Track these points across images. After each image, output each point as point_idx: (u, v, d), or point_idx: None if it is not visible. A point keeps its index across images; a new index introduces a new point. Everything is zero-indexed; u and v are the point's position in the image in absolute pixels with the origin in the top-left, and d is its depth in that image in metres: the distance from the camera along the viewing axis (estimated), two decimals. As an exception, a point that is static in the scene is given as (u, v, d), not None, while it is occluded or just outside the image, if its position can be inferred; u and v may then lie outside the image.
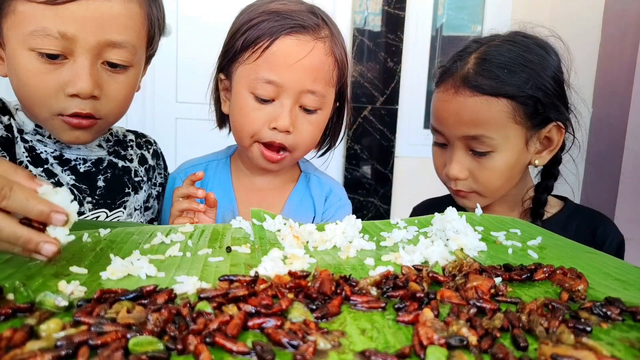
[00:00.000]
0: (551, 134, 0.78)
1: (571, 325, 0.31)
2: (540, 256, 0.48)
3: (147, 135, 0.87)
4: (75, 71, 0.61)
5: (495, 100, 0.74)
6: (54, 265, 0.40)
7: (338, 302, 0.34)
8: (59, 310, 0.32)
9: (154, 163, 0.84)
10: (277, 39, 0.72)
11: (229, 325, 0.29)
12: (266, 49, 0.72)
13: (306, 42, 0.72)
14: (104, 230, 0.51)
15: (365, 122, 1.95)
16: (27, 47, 0.59)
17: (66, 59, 0.61)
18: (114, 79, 0.65)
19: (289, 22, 0.72)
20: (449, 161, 0.79)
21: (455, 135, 0.77)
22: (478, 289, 0.37)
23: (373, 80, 1.93)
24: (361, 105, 1.94)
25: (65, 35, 0.59)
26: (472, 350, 0.28)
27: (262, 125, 0.74)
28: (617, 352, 0.28)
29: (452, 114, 0.76)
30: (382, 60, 1.92)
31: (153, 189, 0.83)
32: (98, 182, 0.73)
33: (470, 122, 0.75)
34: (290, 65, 0.71)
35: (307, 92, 0.74)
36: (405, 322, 0.32)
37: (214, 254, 0.46)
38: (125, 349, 0.26)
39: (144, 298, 0.33)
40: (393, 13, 1.91)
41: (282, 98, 0.73)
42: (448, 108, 0.77)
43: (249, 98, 0.74)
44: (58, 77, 0.61)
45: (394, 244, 0.52)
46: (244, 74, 0.75)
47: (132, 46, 0.64)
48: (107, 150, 0.77)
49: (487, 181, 0.78)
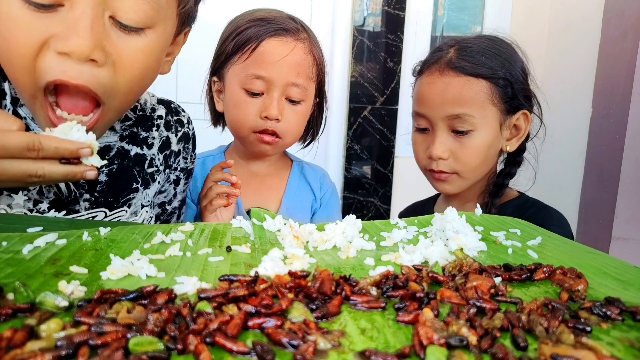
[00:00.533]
0: (519, 122, 0.88)
1: (571, 325, 0.31)
2: (540, 256, 0.48)
3: (181, 110, 0.74)
4: (70, 20, 0.44)
5: (475, 80, 0.83)
6: (53, 264, 0.40)
7: (338, 302, 0.34)
8: (59, 311, 0.32)
9: (180, 147, 0.72)
10: (263, 41, 0.84)
11: (229, 325, 0.29)
12: (254, 50, 0.84)
13: (288, 42, 0.85)
14: (104, 229, 0.51)
15: (365, 122, 1.95)
16: None
17: (61, 6, 0.45)
18: (125, 42, 0.48)
19: (273, 26, 0.85)
20: (431, 143, 0.86)
21: (439, 116, 0.84)
22: (478, 289, 0.37)
23: (373, 80, 1.93)
24: (361, 105, 1.94)
25: None
26: (472, 350, 0.28)
27: (254, 116, 0.86)
28: (617, 352, 0.28)
29: (438, 94, 0.84)
30: (382, 61, 1.92)
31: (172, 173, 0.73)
32: (100, 175, 0.61)
33: (454, 101, 0.83)
34: (276, 62, 0.83)
35: (292, 85, 0.86)
36: (405, 322, 0.32)
37: (214, 253, 0.46)
38: (126, 349, 0.26)
39: (144, 298, 0.33)
40: (393, 13, 1.91)
41: (270, 91, 0.85)
42: (434, 89, 0.85)
43: (242, 93, 0.86)
44: (47, 27, 0.45)
45: (394, 244, 0.52)
46: (236, 72, 0.86)
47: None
48: (120, 134, 0.63)
49: (468, 159, 0.85)
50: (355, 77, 1.92)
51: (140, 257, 0.42)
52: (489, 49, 0.86)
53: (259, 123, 0.86)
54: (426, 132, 0.89)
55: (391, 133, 1.96)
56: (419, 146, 0.91)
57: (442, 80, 0.84)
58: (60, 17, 0.45)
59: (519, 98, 0.85)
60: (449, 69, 0.84)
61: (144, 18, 0.48)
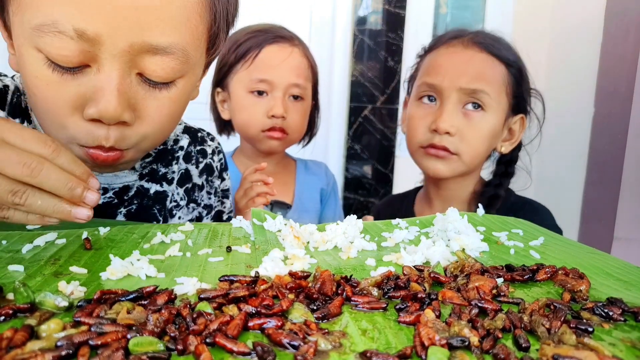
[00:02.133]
0: (515, 126, 0.86)
1: (573, 326, 0.31)
2: (542, 256, 0.48)
3: (209, 139, 0.69)
4: (98, 85, 0.44)
5: (497, 62, 0.81)
6: (53, 265, 0.40)
7: (339, 303, 0.33)
8: (59, 311, 0.32)
9: (203, 180, 0.67)
10: (264, 48, 0.94)
11: (230, 326, 0.29)
12: (256, 57, 0.94)
13: (285, 47, 0.95)
14: (103, 229, 0.51)
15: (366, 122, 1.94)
16: (33, 45, 0.43)
17: (87, 67, 0.44)
18: (153, 95, 0.47)
19: (270, 35, 0.95)
20: (439, 116, 0.81)
21: (454, 87, 0.80)
22: (480, 289, 0.37)
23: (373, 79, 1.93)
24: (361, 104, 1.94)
25: (84, 35, 0.41)
26: (473, 350, 0.28)
27: (262, 116, 0.94)
28: (619, 352, 0.28)
29: (458, 64, 0.82)
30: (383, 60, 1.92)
31: (195, 209, 0.67)
32: (118, 216, 0.59)
33: (476, 75, 0.80)
34: (277, 66, 0.94)
35: (293, 86, 0.96)
36: (406, 323, 0.32)
37: (214, 254, 0.46)
38: (126, 349, 0.26)
39: (144, 299, 0.33)
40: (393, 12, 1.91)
41: (273, 92, 0.94)
42: (455, 59, 0.82)
43: (248, 96, 0.95)
44: (76, 89, 0.44)
45: (395, 244, 0.52)
46: (240, 79, 0.96)
47: (181, 50, 0.45)
48: (139, 173, 0.60)
49: (474, 141, 0.81)
50: (355, 76, 1.92)
51: (140, 257, 0.42)
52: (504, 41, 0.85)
53: (266, 122, 0.95)
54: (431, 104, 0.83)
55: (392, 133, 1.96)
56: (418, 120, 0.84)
57: (466, 52, 0.81)
58: (88, 79, 0.45)
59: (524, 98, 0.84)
60: (474, 43, 0.82)
61: (172, 74, 0.47)
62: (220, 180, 0.73)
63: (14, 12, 0.44)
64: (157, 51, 0.44)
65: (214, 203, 0.71)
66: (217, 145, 0.72)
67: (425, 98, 0.84)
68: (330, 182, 1.13)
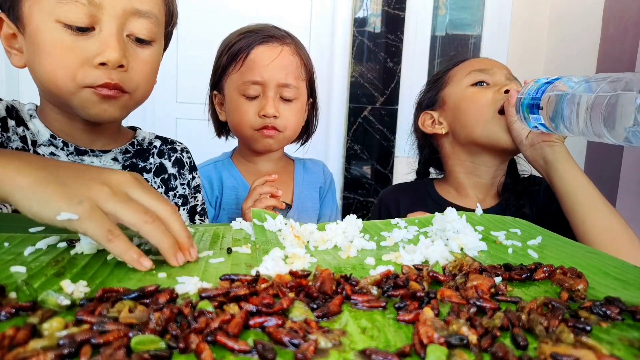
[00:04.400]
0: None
1: (571, 325, 0.31)
2: (540, 256, 0.49)
3: (177, 142, 0.85)
4: (103, 40, 0.60)
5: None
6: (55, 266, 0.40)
7: (339, 302, 0.34)
8: (61, 309, 0.32)
9: (175, 172, 0.81)
10: (253, 49, 0.95)
11: (231, 324, 0.29)
12: (246, 58, 0.94)
13: (275, 47, 0.95)
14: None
15: (365, 122, 1.95)
16: (53, 18, 0.58)
17: (92, 30, 0.60)
18: (139, 52, 0.65)
19: (259, 35, 0.96)
20: (499, 89, 0.86)
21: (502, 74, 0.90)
22: (478, 288, 0.37)
23: (373, 80, 1.94)
24: (361, 105, 1.94)
25: (92, 1, 0.58)
26: (472, 349, 0.28)
27: (253, 115, 0.95)
28: (616, 351, 0.28)
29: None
30: (382, 61, 1.92)
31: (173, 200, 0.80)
32: None
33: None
34: (266, 65, 0.94)
35: (283, 86, 0.95)
36: (405, 321, 0.32)
37: (215, 255, 0.46)
38: (128, 348, 0.26)
39: (145, 298, 0.34)
40: (393, 13, 1.91)
41: (265, 92, 0.95)
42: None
43: (241, 99, 0.96)
44: (85, 48, 0.60)
45: (395, 243, 0.52)
46: (233, 81, 0.97)
47: (155, 17, 0.64)
48: (122, 164, 0.75)
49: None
50: (355, 77, 1.92)
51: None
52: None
53: (258, 121, 0.95)
54: (484, 86, 0.89)
55: (391, 133, 1.96)
56: (483, 95, 0.89)
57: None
58: (94, 38, 0.61)
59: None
60: None
61: (151, 33, 0.65)
62: (192, 176, 0.85)
63: (30, 5, 0.60)
64: (141, 14, 0.62)
65: (188, 196, 0.83)
66: (185, 146, 0.86)
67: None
68: (328, 180, 1.14)
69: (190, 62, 1.91)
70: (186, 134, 2.09)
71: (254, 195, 0.88)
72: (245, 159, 1.06)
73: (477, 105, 0.88)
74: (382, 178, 1.98)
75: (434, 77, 1.00)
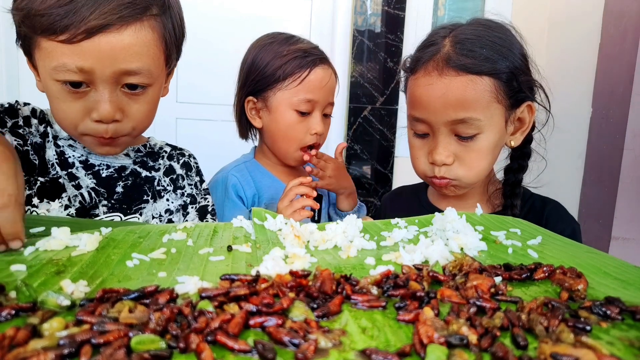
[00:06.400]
0: (523, 115, 0.80)
1: (571, 324, 0.31)
2: (540, 256, 0.49)
3: (185, 149, 0.91)
4: (97, 99, 0.66)
5: (479, 79, 0.75)
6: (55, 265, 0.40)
7: (339, 301, 0.34)
8: (61, 310, 0.32)
9: (183, 173, 0.86)
10: (313, 70, 1.01)
11: (231, 324, 0.29)
12: (305, 78, 1.01)
13: (327, 70, 1.04)
14: (105, 229, 0.51)
15: (365, 122, 1.95)
16: (52, 78, 0.65)
17: (89, 87, 0.66)
18: (134, 100, 0.70)
19: (315, 57, 1.03)
20: (434, 148, 0.79)
21: (440, 121, 0.76)
22: (478, 288, 0.37)
23: (373, 80, 1.93)
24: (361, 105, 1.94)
25: (83, 69, 0.63)
26: (472, 348, 0.28)
27: (304, 134, 1.03)
28: (616, 351, 0.28)
29: (438, 97, 0.76)
30: (382, 61, 1.92)
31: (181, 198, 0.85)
32: (117, 187, 0.78)
33: (458, 104, 0.75)
34: (322, 87, 1.02)
35: (329, 105, 1.06)
36: (405, 321, 0.32)
37: (215, 253, 0.46)
38: (128, 348, 0.26)
39: (145, 298, 0.34)
40: (393, 13, 1.91)
41: (315, 111, 1.03)
42: (433, 92, 0.76)
43: (293, 115, 1.02)
44: (83, 103, 0.66)
45: (395, 243, 0.52)
46: (285, 97, 1.02)
47: (147, 70, 0.68)
48: (133, 160, 0.81)
49: (473, 163, 0.78)
50: (355, 77, 1.92)
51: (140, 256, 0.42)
52: (486, 37, 0.77)
53: (307, 139, 1.03)
54: (425, 138, 0.81)
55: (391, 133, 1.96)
56: (418, 150, 0.83)
57: (442, 81, 0.75)
58: (90, 96, 0.66)
59: (524, 90, 0.78)
60: (449, 67, 0.75)
61: (146, 82, 0.69)
62: (199, 179, 0.89)
63: (39, 58, 0.66)
64: (131, 73, 0.67)
65: (196, 196, 0.87)
66: (192, 153, 0.92)
67: (419, 131, 0.82)
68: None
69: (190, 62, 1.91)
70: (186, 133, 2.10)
71: (290, 195, 0.93)
72: (269, 160, 1.12)
73: (412, 160, 0.86)
74: (382, 178, 1.97)
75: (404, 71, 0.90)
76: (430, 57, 0.79)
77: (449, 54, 0.76)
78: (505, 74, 0.76)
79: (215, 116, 1.85)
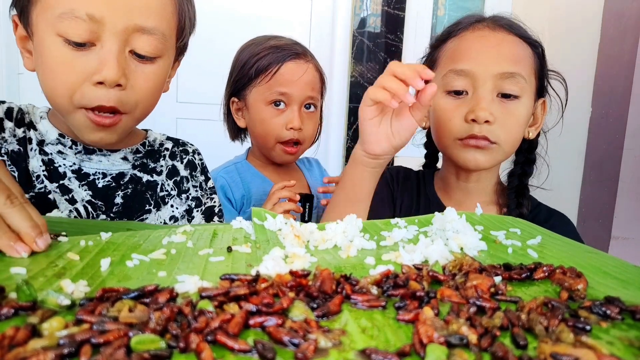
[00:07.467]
0: (537, 111, 0.82)
1: (571, 324, 0.31)
2: (540, 255, 0.49)
3: (189, 144, 0.83)
4: (102, 57, 0.58)
5: (525, 45, 0.77)
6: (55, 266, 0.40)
7: (339, 301, 0.34)
8: (61, 309, 0.32)
9: (187, 174, 0.79)
10: (283, 64, 1.01)
11: (231, 324, 0.29)
12: (276, 72, 1.01)
13: (301, 64, 1.04)
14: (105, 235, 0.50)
15: (365, 122, 1.95)
16: (55, 32, 0.57)
17: (93, 46, 0.58)
18: (141, 69, 0.62)
19: (288, 52, 1.03)
20: (475, 104, 0.75)
21: (490, 73, 0.75)
22: (478, 287, 0.37)
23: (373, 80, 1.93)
24: (361, 105, 1.94)
25: (93, 18, 0.56)
26: (472, 348, 0.28)
27: (280, 127, 1.03)
28: (616, 350, 0.28)
29: (492, 47, 0.76)
30: (382, 61, 1.92)
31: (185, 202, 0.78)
32: (116, 198, 0.70)
33: (511, 57, 0.75)
34: (295, 81, 1.02)
35: (307, 99, 1.04)
36: (405, 321, 0.32)
37: (215, 254, 0.46)
38: (128, 348, 0.26)
39: (145, 297, 0.34)
40: (393, 13, 1.91)
41: (291, 105, 1.03)
42: (487, 42, 0.77)
43: (267, 109, 1.03)
44: (85, 64, 0.58)
45: (394, 243, 0.52)
46: (260, 92, 1.03)
47: (161, 34, 0.61)
48: (132, 164, 0.73)
49: (513, 128, 0.77)
50: (355, 77, 1.92)
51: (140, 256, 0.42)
52: (522, 23, 0.81)
53: (284, 134, 1.03)
54: (462, 96, 0.77)
55: (391, 133, 1.96)
56: (451, 112, 0.77)
57: (496, 35, 0.76)
58: (94, 54, 0.59)
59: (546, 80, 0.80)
60: (500, 26, 0.77)
61: (155, 50, 0.62)
62: (205, 178, 0.83)
63: (38, 13, 0.59)
64: (144, 31, 0.60)
65: (202, 198, 0.81)
66: (196, 148, 0.85)
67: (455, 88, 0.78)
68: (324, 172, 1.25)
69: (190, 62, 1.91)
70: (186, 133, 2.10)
71: (274, 199, 0.94)
72: (260, 161, 1.13)
73: (441, 123, 0.79)
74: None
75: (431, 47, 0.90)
76: (474, 20, 0.80)
77: (495, 18, 0.79)
78: (539, 53, 0.78)
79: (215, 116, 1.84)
